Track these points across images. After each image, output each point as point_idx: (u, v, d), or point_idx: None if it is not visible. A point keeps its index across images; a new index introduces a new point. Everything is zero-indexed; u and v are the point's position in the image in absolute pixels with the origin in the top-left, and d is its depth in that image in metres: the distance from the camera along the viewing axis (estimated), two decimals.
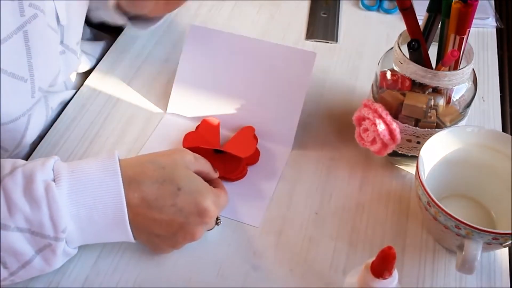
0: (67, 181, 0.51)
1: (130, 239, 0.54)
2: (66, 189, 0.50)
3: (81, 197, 0.51)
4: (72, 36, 0.66)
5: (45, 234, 0.49)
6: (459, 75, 0.59)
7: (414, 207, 0.64)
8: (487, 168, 0.61)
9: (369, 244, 0.60)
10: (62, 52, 0.65)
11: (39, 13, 0.57)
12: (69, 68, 0.69)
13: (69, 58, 0.67)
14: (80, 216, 0.51)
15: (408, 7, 0.59)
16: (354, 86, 0.78)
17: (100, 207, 0.51)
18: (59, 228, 0.49)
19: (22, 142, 0.62)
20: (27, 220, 0.49)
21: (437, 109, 0.61)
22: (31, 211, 0.49)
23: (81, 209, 0.51)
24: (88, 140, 0.70)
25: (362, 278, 0.48)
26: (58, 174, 0.51)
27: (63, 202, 0.50)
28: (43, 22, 0.58)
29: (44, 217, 0.49)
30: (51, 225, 0.49)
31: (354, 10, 0.92)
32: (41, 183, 0.50)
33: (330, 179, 0.66)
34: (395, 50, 0.62)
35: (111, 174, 0.52)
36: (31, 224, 0.49)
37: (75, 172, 0.52)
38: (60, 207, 0.49)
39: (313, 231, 0.61)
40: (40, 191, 0.49)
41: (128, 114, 0.73)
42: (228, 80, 0.70)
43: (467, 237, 0.53)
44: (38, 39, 0.57)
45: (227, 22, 0.88)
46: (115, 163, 0.53)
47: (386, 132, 0.62)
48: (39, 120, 0.65)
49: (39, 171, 0.50)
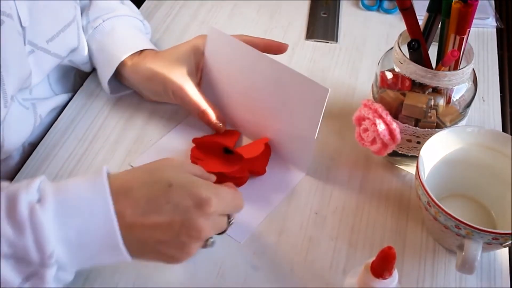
0: (52, 202, 0.47)
1: (126, 259, 0.49)
2: (52, 211, 0.46)
3: (68, 218, 0.47)
4: (40, 35, 0.63)
5: (30, 261, 0.45)
6: (459, 75, 0.59)
7: (414, 207, 0.64)
8: (487, 168, 0.61)
9: (369, 244, 0.60)
10: (31, 51, 0.63)
11: (6, 19, 0.55)
12: (44, 67, 0.66)
13: (40, 57, 0.64)
14: (70, 239, 0.47)
15: (408, 7, 0.59)
16: (354, 86, 0.78)
17: (91, 227, 0.47)
18: (45, 253, 0.45)
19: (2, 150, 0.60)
20: (10, 246, 0.45)
21: (437, 109, 0.61)
22: (14, 236, 0.45)
23: (69, 231, 0.47)
24: (88, 140, 0.70)
25: (362, 278, 0.48)
26: (43, 194, 0.47)
27: (49, 225, 0.46)
28: (10, 28, 0.56)
29: (28, 241, 0.45)
30: (36, 250, 0.45)
31: (354, 10, 0.92)
32: (25, 205, 0.46)
33: (330, 179, 0.66)
34: (395, 50, 0.62)
35: (98, 191, 0.48)
36: (15, 249, 0.45)
37: (61, 191, 0.48)
38: (45, 230, 0.45)
39: (313, 231, 0.61)
40: (24, 214, 0.45)
41: (127, 115, 0.73)
42: (242, 93, 0.68)
43: (467, 237, 0.53)
44: (5, 45, 0.55)
45: (227, 22, 0.88)
46: (102, 179, 0.48)
47: (386, 132, 0.62)
48: (23, 128, 0.63)
49: (23, 193, 0.46)
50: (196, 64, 0.70)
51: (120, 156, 0.68)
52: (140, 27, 0.77)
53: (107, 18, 0.72)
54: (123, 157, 0.68)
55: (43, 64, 0.66)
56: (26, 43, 0.62)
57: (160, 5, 0.91)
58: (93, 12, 0.73)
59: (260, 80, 0.65)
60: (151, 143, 0.70)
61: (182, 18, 0.89)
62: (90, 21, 0.72)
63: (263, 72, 0.64)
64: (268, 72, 0.64)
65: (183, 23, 0.88)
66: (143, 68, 0.69)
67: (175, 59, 0.69)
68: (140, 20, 0.77)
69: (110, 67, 0.70)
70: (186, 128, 0.72)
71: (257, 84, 0.65)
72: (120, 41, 0.71)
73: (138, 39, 0.73)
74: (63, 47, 0.68)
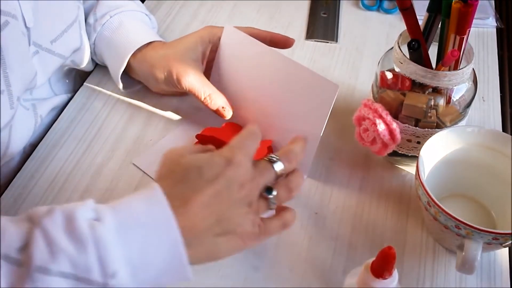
0: (111, 219, 0.44)
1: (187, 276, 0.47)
2: (113, 228, 0.44)
3: (130, 234, 0.44)
4: (44, 35, 0.64)
5: (92, 280, 0.42)
6: (459, 75, 0.59)
7: (414, 207, 0.64)
8: (487, 168, 0.61)
9: (369, 244, 0.60)
10: (35, 52, 0.63)
11: (10, 20, 0.55)
12: (48, 68, 0.66)
13: (44, 58, 0.64)
14: (133, 257, 0.44)
15: (408, 7, 0.59)
16: (354, 86, 0.78)
17: (154, 242, 0.45)
18: (108, 271, 0.42)
19: (7, 152, 0.60)
20: (72, 263, 0.42)
21: (437, 109, 0.61)
22: (76, 252, 0.42)
23: (132, 248, 0.44)
24: (88, 140, 0.70)
25: (362, 278, 0.48)
26: (100, 213, 0.45)
27: (112, 241, 0.43)
28: (15, 28, 0.56)
29: (91, 258, 0.42)
30: (99, 268, 0.42)
31: (354, 10, 0.92)
32: (84, 221, 0.44)
33: (330, 179, 0.66)
34: (395, 50, 0.62)
35: (156, 203, 0.46)
36: (77, 267, 0.42)
37: (117, 209, 0.46)
38: (108, 246, 0.43)
39: (313, 231, 0.61)
40: (85, 230, 0.43)
41: (127, 115, 0.73)
42: (251, 90, 0.68)
43: (467, 237, 0.53)
44: (11, 47, 0.55)
45: (227, 22, 0.88)
46: (157, 191, 0.47)
47: (386, 132, 0.62)
48: (25, 130, 0.63)
49: (80, 210, 0.44)
50: (203, 53, 0.70)
51: (120, 156, 0.68)
52: (147, 22, 0.78)
53: (115, 14, 0.73)
54: (123, 157, 0.68)
55: (47, 65, 0.66)
56: (31, 44, 0.62)
57: (160, 5, 0.91)
58: (100, 10, 0.74)
59: (270, 77, 0.65)
60: (151, 143, 0.70)
61: (182, 18, 0.89)
62: (98, 19, 0.73)
63: (273, 68, 0.64)
64: (277, 67, 0.64)
65: (183, 23, 0.88)
66: (150, 56, 0.70)
67: (182, 47, 0.70)
68: (147, 15, 0.78)
69: (122, 61, 0.71)
70: (187, 128, 0.72)
71: (267, 81, 0.65)
72: (129, 35, 0.72)
73: (147, 32, 0.74)
74: (67, 47, 0.68)
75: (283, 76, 0.64)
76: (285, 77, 0.63)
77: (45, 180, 0.65)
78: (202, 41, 0.70)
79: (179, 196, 0.47)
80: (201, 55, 0.70)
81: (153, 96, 0.75)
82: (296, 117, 0.64)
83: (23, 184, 0.65)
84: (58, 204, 0.62)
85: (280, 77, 0.64)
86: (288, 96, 0.64)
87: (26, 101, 0.66)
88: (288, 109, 0.64)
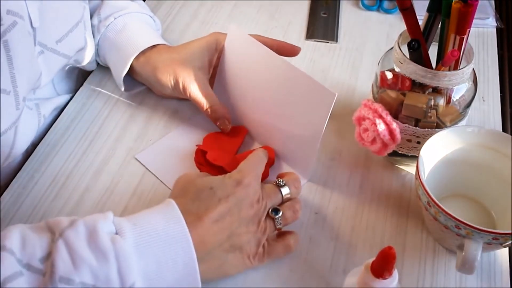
0: (131, 233, 0.47)
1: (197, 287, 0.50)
2: (132, 242, 0.46)
3: (148, 249, 0.47)
4: (49, 35, 0.63)
5: None
6: (459, 75, 0.59)
7: (414, 207, 0.64)
8: (487, 168, 0.61)
9: (369, 244, 0.60)
10: (41, 52, 0.63)
11: (18, 20, 0.55)
12: (52, 68, 0.66)
13: (49, 58, 0.64)
14: (149, 271, 0.47)
15: (408, 7, 0.59)
16: (354, 86, 0.78)
17: (170, 258, 0.48)
18: (126, 283, 0.45)
19: (11, 153, 0.60)
20: (93, 274, 0.44)
21: (437, 109, 0.61)
22: (98, 264, 0.44)
23: (150, 263, 0.47)
24: (88, 140, 0.70)
25: (362, 278, 0.48)
26: (120, 227, 0.47)
27: (132, 255, 0.46)
28: (22, 29, 0.56)
29: (112, 270, 0.44)
30: (118, 280, 0.45)
31: (354, 10, 0.92)
32: (106, 234, 0.46)
33: (330, 179, 0.66)
34: (395, 50, 0.62)
35: (174, 220, 0.49)
36: (97, 279, 0.44)
37: (136, 224, 0.48)
38: (129, 260, 0.45)
39: (313, 231, 0.61)
40: (107, 243, 0.45)
41: (128, 115, 0.73)
42: (253, 92, 0.68)
43: (467, 237, 0.53)
44: (18, 47, 0.55)
45: (227, 22, 0.88)
46: (175, 209, 0.50)
47: (386, 132, 0.62)
48: (29, 130, 0.64)
49: (101, 223, 0.47)
50: (209, 60, 0.70)
51: (120, 156, 0.68)
52: (151, 24, 0.78)
53: (119, 15, 0.73)
54: (123, 157, 0.68)
55: (52, 65, 0.66)
56: (36, 44, 0.62)
57: (160, 5, 0.91)
58: (104, 11, 0.74)
59: (271, 80, 0.65)
60: (151, 143, 0.70)
61: (182, 18, 0.89)
62: (102, 20, 0.73)
63: (274, 71, 0.64)
64: (278, 71, 0.64)
65: (183, 23, 0.88)
66: (156, 60, 0.70)
67: (189, 53, 0.69)
68: (151, 17, 0.78)
69: (125, 63, 0.70)
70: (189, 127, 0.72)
71: (267, 84, 0.65)
72: (133, 37, 0.72)
73: (151, 34, 0.73)
74: (71, 47, 0.68)
75: (283, 80, 0.64)
76: (285, 81, 0.63)
77: (45, 180, 0.65)
78: (208, 49, 0.70)
79: (193, 213, 0.51)
80: (207, 63, 0.70)
81: (153, 96, 0.76)
82: (295, 123, 0.64)
83: (23, 184, 0.65)
84: (58, 204, 0.63)
85: (281, 81, 0.64)
86: (287, 101, 0.64)
87: (30, 100, 0.66)
88: (287, 114, 0.65)
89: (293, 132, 0.65)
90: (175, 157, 0.68)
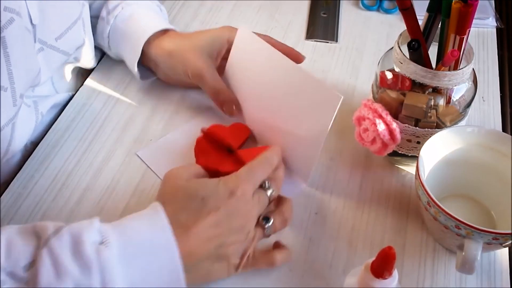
0: (116, 243, 0.46)
1: None
2: (117, 252, 0.46)
3: (134, 259, 0.46)
4: (48, 32, 0.64)
5: None
6: (459, 75, 0.59)
7: (414, 207, 0.64)
8: (487, 168, 0.61)
9: (369, 244, 0.60)
10: (40, 49, 0.63)
11: (15, 17, 0.55)
12: (52, 65, 0.67)
13: (49, 55, 0.65)
14: (134, 281, 0.46)
15: (408, 7, 0.59)
16: (354, 86, 0.78)
17: (155, 268, 0.47)
18: None
19: (9, 150, 0.60)
20: (76, 285, 0.44)
21: (437, 109, 0.61)
22: (81, 275, 0.44)
23: (135, 272, 0.46)
24: (88, 140, 0.70)
25: (362, 278, 0.48)
26: (105, 236, 0.47)
27: (116, 266, 0.45)
28: (19, 25, 0.56)
29: (95, 281, 0.44)
30: None
31: (354, 10, 0.92)
32: (90, 245, 0.45)
33: (330, 179, 0.66)
34: (395, 50, 0.62)
35: (161, 231, 0.48)
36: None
37: (123, 232, 0.48)
38: (113, 271, 0.45)
39: (313, 231, 0.61)
40: (91, 254, 0.45)
41: (128, 114, 0.73)
42: (259, 92, 0.68)
43: (467, 237, 0.53)
44: (15, 44, 0.56)
45: (227, 22, 0.88)
46: (163, 218, 0.49)
47: (386, 132, 0.62)
48: (26, 127, 0.64)
49: (87, 233, 0.46)
50: (218, 51, 0.71)
51: (120, 156, 0.68)
52: (158, 12, 0.79)
53: (126, 4, 0.74)
54: (123, 157, 0.68)
55: (52, 62, 0.66)
56: (36, 40, 0.62)
57: None
58: (112, 2, 0.75)
59: (277, 82, 0.65)
60: (151, 143, 0.70)
61: (182, 18, 0.89)
62: (110, 11, 0.74)
63: (281, 74, 0.64)
64: (285, 74, 0.63)
65: (183, 23, 0.88)
66: (167, 43, 0.71)
67: (200, 40, 0.71)
68: (157, 5, 0.79)
69: (137, 49, 0.71)
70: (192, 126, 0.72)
71: (273, 86, 0.65)
72: (142, 23, 0.73)
73: (160, 19, 0.75)
74: (71, 44, 0.69)
75: (289, 81, 0.63)
76: (290, 83, 0.63)
77: (45, 180, 0.65)
78: (220, 39, 0.71)
79: (181, 223, 0.50)
80: (216, 52, 0.71)
81: (153, 96, 0.76)
82: (299, 125, 0.64)
83: (23, 184, 0.65)
84: (58, 204, 0.63)
85: (286, 82, 0.64)
86: (292, 102, 0.64)
87: (28, 98, 0.66)
88: (292, 115, 0.64)
89: (296, 134, 0.64)
90: (176, 155, 0.68)
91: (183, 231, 0.49)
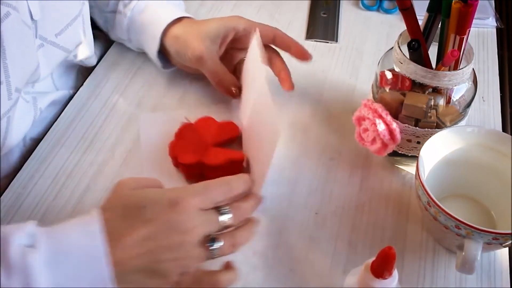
0: (46, 246, 0.45)
1: None
2: (44, 256, 0.44)
3: (61, 264, 0.45)
4: (49, 29, 0.64)
5: None
6: (459, 75, 0.59)
7: (414, 207, 0.64)
8: (487, 168, 0.61)
9: (369, 244, 0.60)
10: (41, 45, 0.63)
11: (12, 11, 0.55)
12: (52, 61, 0.66)
13: (49, 51, 0.65)
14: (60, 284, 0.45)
15: (408, 7, 0.59)
16: (354, 86, 0.78)
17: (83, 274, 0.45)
18: None
19: (5, 144, 0.60)
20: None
21: (437, 109, 0.61)
22: (3, 278, 0.43)
23: (61, 279, 0.45)
24: (88, 140, 0.70)
25: (362, 278, 0.48)
26: (35, 239, 0.45)
27: (41, 270, 0.44)
28: (16, 20, 0.56)
29: (15, 282, 0.43)
30: None
31: (354, 10, 0.92)
32: (16, 248, 0.44)
33: (330, 179, 0.66)
34: (395, 50, 0.62)
35: (92, 237, 0.46)
36: None
37: (53, 237, 0.46)
38: (35, 274, 0.43)
39: (313, 231, 0.61)
40: (15, 256, 0.44)
41: (128, 114, 0.73)
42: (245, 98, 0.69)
43: (467, 237, 0.53)
44: (12, 38, 0.55)
45: None
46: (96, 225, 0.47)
47: (386, 132, 0.62)
48: (24, 122, 0.64)
49: (15, 235, 0.45)
50: (223, 37, 0.72)
51: (120, 156, 0.68)
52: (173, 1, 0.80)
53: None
54: (123, 157, 0.68)
55: (52, 58, 0.66)
56: (37, 36, 0.62)
57: None
58: None
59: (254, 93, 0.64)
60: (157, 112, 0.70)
61: None
62: (127, 4, 0.75)
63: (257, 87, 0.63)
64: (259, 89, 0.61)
65: None
66: (176, 30, 0.73)
67: (205, 27, 0.72)
68: None
69: (155, 39, 0.73)
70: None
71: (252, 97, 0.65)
72: (159, 12, 0.74)
73: (174, 8, 0.76)
74: (70, 41, 0.69)
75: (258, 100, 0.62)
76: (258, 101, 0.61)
77: (45, 179, 0.65)
78: (226, 27, 0.72)
79: (117, 231, 0.47)
80: (220, 39, 0.72)
81: (153, 97, 0.76)
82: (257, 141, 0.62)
83: (23, 184, 0.65)
84: (58, 204, 0.63)
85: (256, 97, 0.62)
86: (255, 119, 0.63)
87: (27, 93, 0.66)
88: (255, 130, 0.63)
89: (257, 148, 0.62)
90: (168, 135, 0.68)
91: (117, 239, 0.47)
